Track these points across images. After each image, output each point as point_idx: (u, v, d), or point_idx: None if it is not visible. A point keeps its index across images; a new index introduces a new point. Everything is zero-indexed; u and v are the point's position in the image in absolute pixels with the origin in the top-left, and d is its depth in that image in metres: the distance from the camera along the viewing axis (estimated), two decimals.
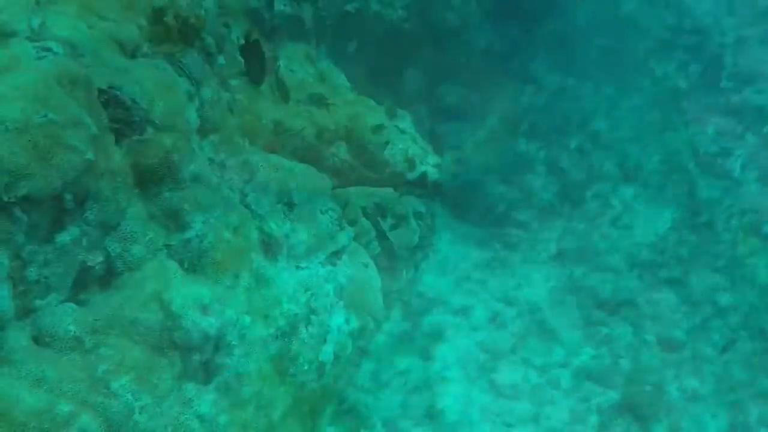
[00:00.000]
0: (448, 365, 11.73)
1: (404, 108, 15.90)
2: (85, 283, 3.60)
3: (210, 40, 5.52)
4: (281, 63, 6.87)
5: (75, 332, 3.33)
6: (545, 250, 14.91)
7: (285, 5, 7.43)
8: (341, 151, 6.47)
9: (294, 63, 7.12)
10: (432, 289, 13.35)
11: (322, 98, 6.23)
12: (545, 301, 13.51)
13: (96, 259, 3.61)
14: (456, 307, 12.94)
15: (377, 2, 12.74)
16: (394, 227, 6.49)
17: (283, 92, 5.91)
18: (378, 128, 6.81)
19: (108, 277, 3.71)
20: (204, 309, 3.58)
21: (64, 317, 3.34)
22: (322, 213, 4.85)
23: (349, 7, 12.23)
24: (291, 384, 4.47)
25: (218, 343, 3.68)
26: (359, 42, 12.97)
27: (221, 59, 6.04)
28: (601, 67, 24.06)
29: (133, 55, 4.32)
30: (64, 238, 3.31)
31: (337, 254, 4.85)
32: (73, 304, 3.45)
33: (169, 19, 4.34)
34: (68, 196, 3.24)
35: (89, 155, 3.27)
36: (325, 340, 4.67)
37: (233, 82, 5.97)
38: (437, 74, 16.75)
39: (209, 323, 3.55)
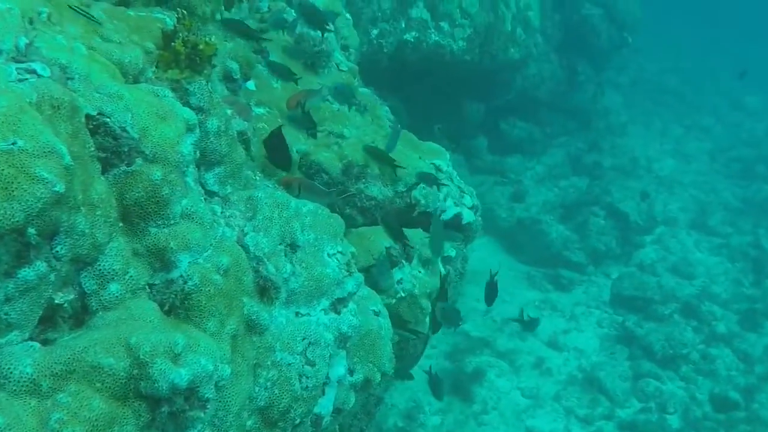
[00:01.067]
0: (487, 409, 11.40)
1: (464, 140, 15.69)
2: (54, 322, 3.37)
3: (233, 65, 5.33)
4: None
5: (32, 375, 3.09)
6: (599, 294, 14.52)
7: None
8: (369, 188, 6.21)
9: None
10: (477, 328, 13.05)
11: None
12: (594, 348, 13.09)
13: (66, 297, 3.38)
14: (501, 349, 12.62)
15: (437, 32, 12.56)
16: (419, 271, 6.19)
17: (310, 127, 5.70)
18: (413, 165, 6.52)
19: (82, 315, 3.48)
20: (175, 358, 3.31)
21: (23, 358, 3.11)
22: (329, 256, 4.57)
23: (407, 36, 12.06)
24: None
25: (190, 396, 3.40)
26: (416, 73, 12.80)
27: (251, 85, 5.85)
28: (671, 108, 23.52)
29: (136, 80, 4.12)
30: (27, 273, 3.08)
31: (342, 301, 4.56)
32: (36, 344, 3.22)
33: (177, 43, 4.14)
34: (32, 230, 3.01)
35: (58, 187, 3.04)
36: (323, 393, 4.39)
37: (258, 110, 5.76)
38: (498, 107, 16.53)
39: (179, 375, 3.27)
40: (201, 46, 4.14)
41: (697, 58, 31.89)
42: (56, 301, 3.32)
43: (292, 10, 7.12)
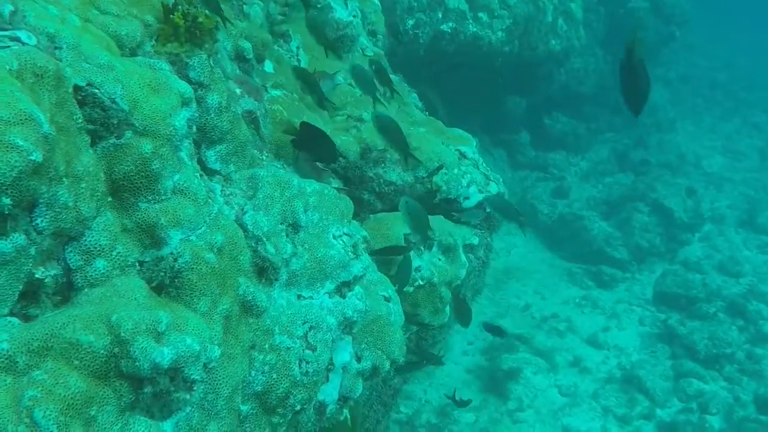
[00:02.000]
0: (522, 407, 11.16)
1: (506, 134, 15.48)
2: (37, 298, 3.26)
3: (246, 44, 5.21)
4: (339, 76, 6.52)
5: (9, 351, 2.98)
6: (641, 292, 14.18)
7: (354, 16, 7.06)
8: (388, 173, 6.05)
9: None
10: (515, 325, 12.82)
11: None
12: (635, 347, 12.77)
13: (49, 272, 3.26)
14: (539, 346, 12.37)
15: (475, 23, 12.34)
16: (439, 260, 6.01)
17: (321, 102, 5.58)
18: (434, 150, 6.34)
19: (67, 292, 3.37)
20: (159, 336, 3.18)
21: (0, 333, 3.00)
22: (334, 238, 4.42)
23: (444, 27, 11.86)
24: (281, 424, 4.05)
25: (175, 376, 3.26)
26: (454, 64, 12.60)
27: (268, 66, 5.73)
28: (721, 104, 23.00)
29: (133, 54, 4.01)
30: (4, 245, 2.97)
31: (348, 284, 4.40)
32: (15, 320, 3.11)
33: (176, 16, 4.01)
34: (6, 200, 2.89)
35: (35, 156, 2.92)
36: (327, 379, 4.24)
37: (274, 93, 5.63)
38: (540, 101, 16.27)
39: (161, 353, 3.14)
40: (201, 19, 4.01)
41: (752, 54, 31.19)
42: (37, 276, 3.20)
43: None
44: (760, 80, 27.45)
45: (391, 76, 7.66)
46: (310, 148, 5.11)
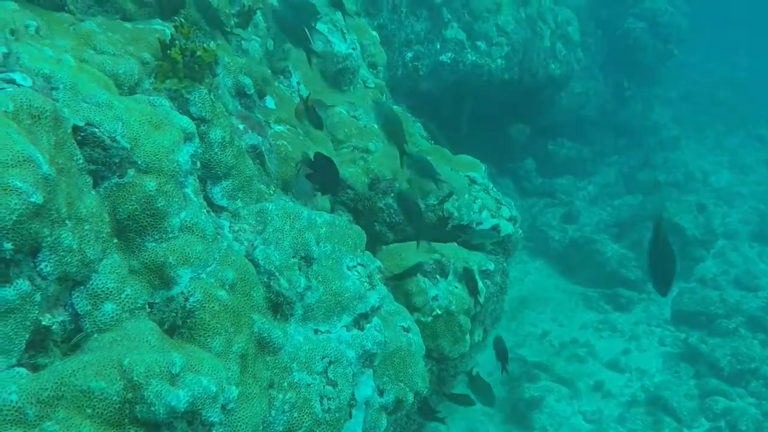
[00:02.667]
0: None
1: (511, 162, 15.37)
2: (45, 346, 3.14)
3: (246, 80, 5.13)
4: (342, 109, 6.44)
5: (18, 402, 2.85)
6: (659, 312, 13.98)
7: (354, 49, 7.01)
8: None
9: (359, 108, 6.66)
10: (534, 353, 12.62)
11: None
12: (657, 368, 12.55)
13: (56, 319, 3.14)
14: (559, 373, 12.15)
15: (474, 52, 12.29)
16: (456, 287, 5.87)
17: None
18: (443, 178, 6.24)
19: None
20: (173, 378, 3.04)
21: (8, 384, 2.87)
22: (348, 269, 4.29)
23: (443, 58, 11.82)
24: None
25: (192, 420, 3.12)
26: (454, 93, 12.53)
27: (270, 102, 5.64)
28: (724, 120, 22.92)
29: (132, 92, 3.92)
30: (7, 293, 2.85)
31: (365, 316, 4.26)
32: (23, 370, 2.99)
33: (173, 51, 3.92)
34: (8, 245, 2.78)
35: (35, 198, 2.81)
36: (350, 415, 4.09)
37: (278, 128, 5.54)
38: (545, 127, 16.19)
39: (176, 396, 3.00)
40: (199, 53, 3.92)
41: (751, 69, 31.16)
42: (44, 323, 3.08)
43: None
44: (761, 94, 27.36)
45: (393, 106, 7.59)
46: (314, 178, 5.02)
